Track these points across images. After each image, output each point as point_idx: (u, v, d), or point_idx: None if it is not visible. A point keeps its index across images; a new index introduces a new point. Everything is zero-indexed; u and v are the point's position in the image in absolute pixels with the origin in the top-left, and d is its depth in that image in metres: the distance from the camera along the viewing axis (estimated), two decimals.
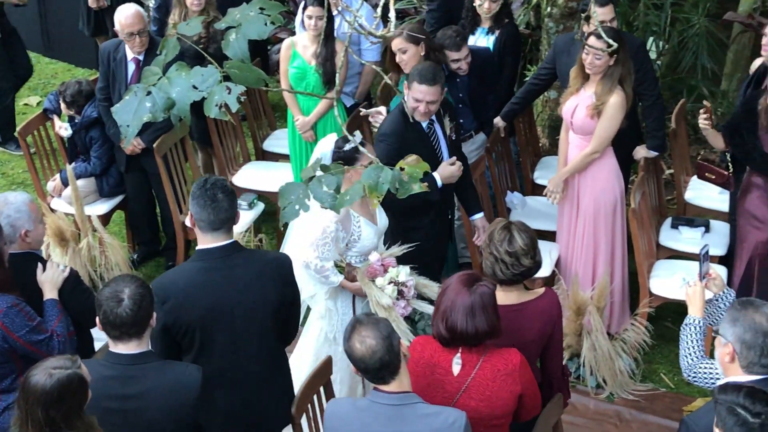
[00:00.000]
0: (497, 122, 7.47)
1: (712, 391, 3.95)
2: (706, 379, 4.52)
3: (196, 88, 3.86)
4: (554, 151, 7.57)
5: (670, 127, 7.55)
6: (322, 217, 5.49)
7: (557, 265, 6.94)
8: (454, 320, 4.45)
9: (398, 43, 6.76)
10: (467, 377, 4.50)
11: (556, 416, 5.04)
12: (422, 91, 6.01)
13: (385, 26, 4.75)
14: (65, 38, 10.58)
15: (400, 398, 4.17)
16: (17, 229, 5.08)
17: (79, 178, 7.52)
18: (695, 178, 7.35)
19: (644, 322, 6.73)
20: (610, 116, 6.50)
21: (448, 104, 6.43)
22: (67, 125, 7.69)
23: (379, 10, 4.65)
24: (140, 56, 7.32)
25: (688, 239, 7.14)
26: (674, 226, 7.26)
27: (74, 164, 7.64)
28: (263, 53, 9.71)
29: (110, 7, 9.07)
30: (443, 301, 4.52)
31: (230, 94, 3.83)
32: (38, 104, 9.93)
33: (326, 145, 5.63)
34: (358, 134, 5.59)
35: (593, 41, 6.37)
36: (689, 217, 7.41)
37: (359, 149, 5.41)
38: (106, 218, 7.76)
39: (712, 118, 6.63)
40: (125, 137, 3.87)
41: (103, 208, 7.74)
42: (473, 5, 7.55)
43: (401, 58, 6.76)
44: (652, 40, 8.85)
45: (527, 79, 8.28)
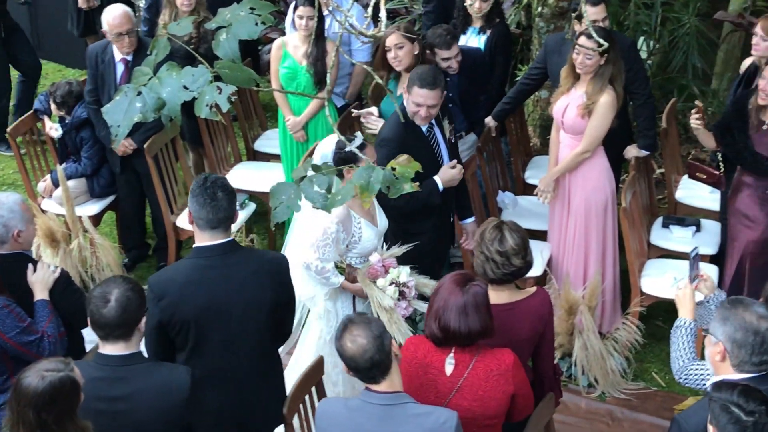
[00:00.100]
0: (488, 122, 7.48)
1: (705, 390, 3.95)
2: (697, 380, 4.52)
3: (186, 88, 3.85)
4: (545, 150, 7.57)
5: (660, 126, 7.56)
6: (322, 218, 5.49)
7: (549, 264, 6.95)
8: (447, 320, 4.45)
9: (395, 38, 6.73)
10: (460, 377, 4.50)
11: (548, 415, 5.04)
12: (423, 95, 5.97)
13: (375, 26, 4.75)
14: (55, 39, 10.55)
15: (391, 398, 4.17)
16: (10, 229, 5.07)
17: (69, 178, 7.50)
18: (686, 177, 7.36)
19: (635, 321, 6.74)
20: (600, 115, 6.50)
21: (446, 107, 6.42)
22: (57, 126, 7.67)
23: (370, 9, 4.65)
24: (129, 57, 7.30)
25: (679, 238, 7.15)
26: (665, 225, 7.27)
27: (65, 165, 7.62)
28: (254, 53, 9.69)
29: (100, 7, 9.04)
30: (436, 300, 4.52)
31: (221, 94, 3.82)
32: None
33: (327, 146, 5.61)
34: (359, 135, 5.61)
35: (584, 41, 6.38)
36: (680, 216, 7.42)
37: (360, 150, 5.41)
38: (97, 219, 7.74)
39: (704, 117, 6.64)
40: (116, 137, 3.86)
41: (94, 208, 7.72)
42: (464, 5, 7.56)
43: (396, 54, 6.73)
44: (642, 39, 8.86)
45: (518, 78, 8.29)
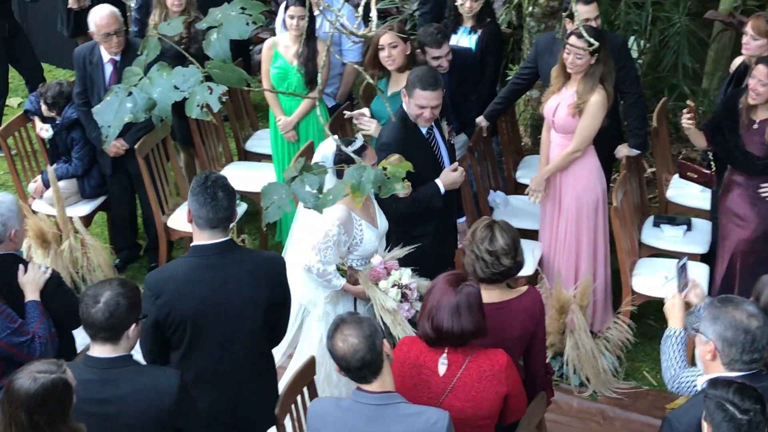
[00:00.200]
0: (480, 122, 7.48)
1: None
2: (689, 388, 4.50)
3: (177, 88, 3.85)
4: (537, 150, 7.57)
5: (651, 125, 7.57)
6: (324, 220, 5.49)
7: (540, 263, 6.95)
8: (440, 320, 4.44)
9: (389, 38, 6.72)
10: (453, 377, 4.50)
11: (539, 415, 5.05)
12: (426, 96, 5.97)
13: (366, 26, 4.74)
14: (45, 39, 10.53)
15: (382, 398, 4.17)
16: (8, 228, 5.08)
17: (60, 179, 7.49)
18: (677, 176, 7.37)
19: (627, 320, 6.74)
20: (591, 115, 6.51)
21: (444, 107, 6.41)
22: (48, 126, 7.65)
23: (360, 9, 4.65)
24: (117, 57, 7.29)
25: (670, 237, 7.16)
26: (656, 224, 7.28)
27: (55, 165, 7.61)
28: (245, 53, 9.69)
29: (90, 7, 9.02)
30: (429, 300, 4.52)
31: (212, 94, 3.82)
32: (19, 105, 9.88)
33: (327, 147, 5.61)
34: (359, 137, 5.61)
35: (574, 40, 6.39)
36: (671, 215, 7.43)
37: (361, 152, 5.41)
38: (87, 219, 7.72)
39: (695, 117, 6.65)
40: (106, 138, 3.86)
41: (84, 209, 7.71)
42: (455, 4, 7.57)
43: (390, 53, 6.72)
44: (633, 39, 8.87)
45: (509, 78, 8.29)
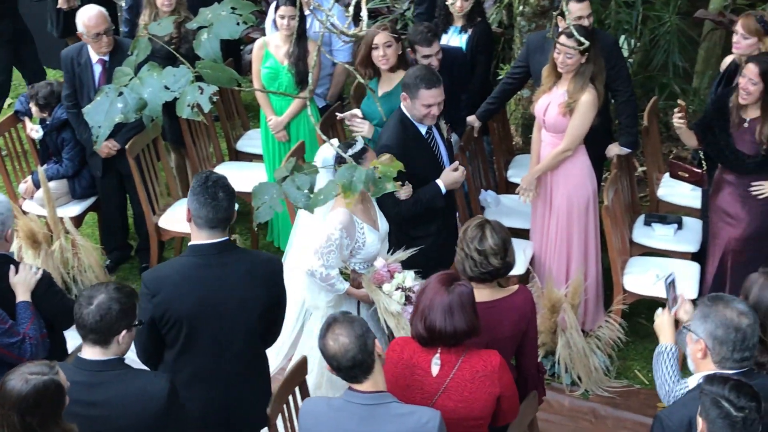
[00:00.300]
0: (472, 121, 7.46)
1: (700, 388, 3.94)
2: None
3: (168, 88, 3.85)
4: (528, 149, 7.57)
5: (642, 124, 7.58)
6: (325, 224, 5.49)
7: (532, 262, 6.95)
8: (432, 319, 4.44)
9: (384, 37, 6.72)
10: (446, 378, 4.50)
11: (531, 414, 5.05)
12: (432, 94, 6.00)
13: (356, 25, 4.75)
14: (35, 40, 10.48)
15: (374, 398, 4.17)
16: (6, 227, 5.08)
17: (51, 179, 7.48)
18: (668, 175, 7.38)
19: (618, 319, 6.75)
20: (581, 114, 6.51)
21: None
22: (38, 127, 7.64)
23: (351, 9, 4.65)
24: (106, 57, 7.27)
25: (661, 236, 7.17)
26: (647, 223, 7.29)
27: (46, 166, 7.59)
28: (236, 53, 9.67)
29: (80, 8, 9.00)
30: (422, 300, 4.52)
31: (202, 94, 3.82)
32: (9, 106, 9.85)
33: (328, 151, 5.60)
34: (360, 140, 5.61)
35: (564, 40, 6.39)
36: (662, 214, 7.44)
37: (362, 154, 5.40)
38: (78, 220, 7.71)
39: (686, 116, 6.65)
40: (97, 138, 3.85)
41: (75, 209, 7.70)
42: (446, 4, 7.57)
43: (385, 52, 6.72)
44: (623, 38, 8.87)
45: (500, 77, 8.29)
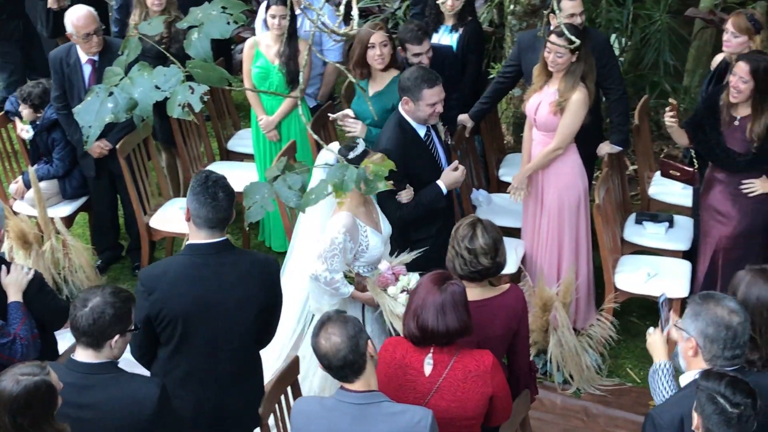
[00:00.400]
0: (464, 120, 7.43)
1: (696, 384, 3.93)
2: None
3: (158, 88, 3.85)
4: (519, 148, 7.58)
5: (633, 123, 7.58)
6: (329, 228, 5.49)
7: (523, 261, 6.96)
8: (425, 319, 4.45)
9: (381, 36, 6.73)
10: (438, 377, 4.49)
11: (523, 412, 5.05)
12: (435, 92, 6.06)
13: (347, 25, 4.75)
14: None
15: (365, 397, 4.17)
16: (1, 227, 5.08)
17: (41, 180, 7.46)
18: (659, 173, 7.39)
19: (610, 317, 6.75)
20: (572, 113, 6.52)
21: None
22: (28, 127, 7.62)
23: (342, 8, 4.65)
24: (95, 57, 7.26)
25: (652, 234, 7.18)
26: (638, 221, 7.30)
27: (36, 166, 7.58)
28: (226, 53, 9.66)
29: (69, 7, 8.97)
30: (414, 300, 4.53)
31: (193, 93, 3.82)
32: None
33: (328, 153, 5.58)
34: (361, 142, 5.61)
35: (555, 39, 6.38)
36: (653, 212, 7.45)
37: (364, 156, 5.39)
38: (69, 220, 7.69)
39: (678, 114, 6.65)
40: (87, 138, 3.84)
41: (66, 210, 7.68)
42: (437, 3, 7.57)
43: (382, 51, 6.73)
44: (614, 36, 8.88)
45: (491, 77, 8.29)
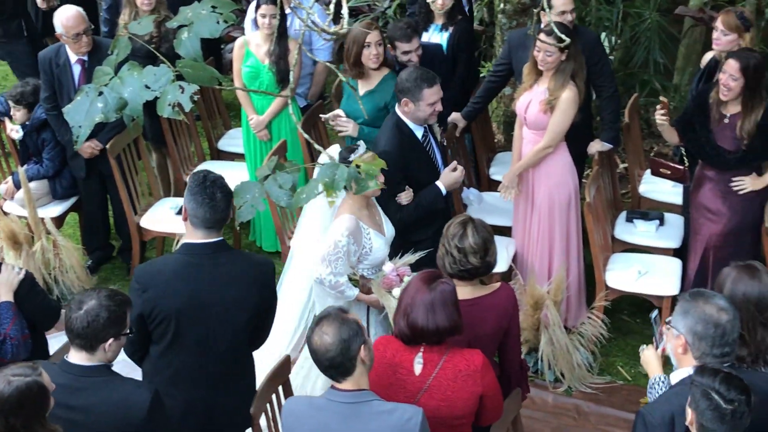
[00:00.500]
0: (456, 119, 7.42)
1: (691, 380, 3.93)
2: None
3: (148, 87, 3.84)
4: (510, 147, 7.58)
5: (623, 121, 7.59)
6: (332, 231, 5.50)
7: (514, 260, 6.96)
8: (415, 317, 4.45)
9: (377, 35, 6.75)
10: (428, 377, 4.50)
11: (515, 411, 5.06)
12: (435, 91, 6.09)
13: (337, 24, 4.74)
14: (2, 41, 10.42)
15: (355, 396, 4.16)
16: None
17: (31, 180, 7.45)
18: (649, 172, 7.40)
19: (601, 315, 6.76)
20: (562, 111, 6.52)
21: None
22: (18, 127, 7.60)
23: (332, 7, 4.64)
24: (85, 57, 7.24)
25: (642, 232, 7.19)
26: (629, 219, 7.31)
27: (26, 166, 7.56)
28: (216, 52, 9.65)
29: (59, 7, 8.95)
30: (404, 298, 4.53)
31: (183, 93, 3.81)
32: None
33: (332, 154, 5.58)
34: (362, 144, 5.61)
35: (544, 37, 6.38)
36: (644, 210, 7.46)
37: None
38: (59, 220, 7.67)
39: (668, 113, 6.66)
40: (77, 138, 3.84)
41: (56, 210, 7.66)
42: (426, 1, 7.56)
43: (378, 50, 6.75)
44: (604, 35, 8.89)
45: (482, 75, 8.29)
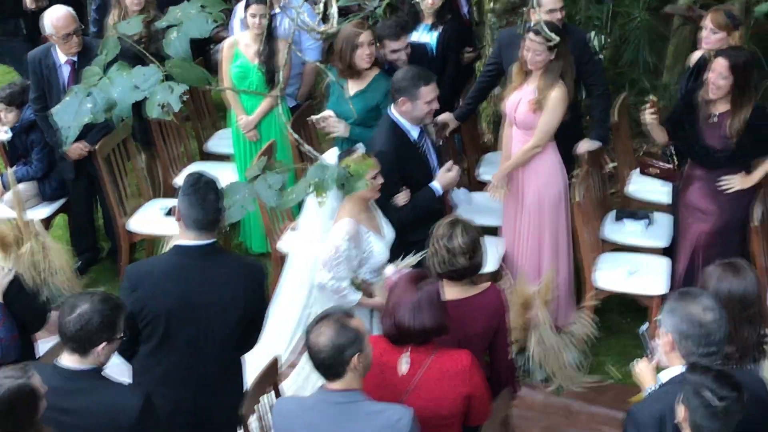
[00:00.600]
0: (446, 119, 7.40)
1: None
2: None
3: (137, 87, 3.84)
4: (499, 146, 7.58)
5: (612, 120, 7.59)
6: (332, 236, 5.50)
7: (503, 259, 6.96)
8: (401, 317, 4.46)
9: (370, 35, 6.76)
10: (414, 376, 4.50)
11: (505, 410, 5.06)
12: (432, 89, 6.12)
13: (326, 23, 4.74)
14: (1, 40, 10.41)
15: (345, 396, 4.16)
16: None
17: (20, 181, 7.43)
18: (638, 171, 7.40)
19: (590, 314, 6.76)
20: (551, 110, 6.52)
21: None
22: (6, 128, 7.58)
23: (321, 6, 4.64)
24: (74, 58, 7.22)
25: (631, 232, 7.19)
26: (618, 219, 7.31)
27: (15, 168, 7.55)
28: (205, 52, 9.63)
29: (47, 7, 8.92)
30: (391, 298, 4.55)
31: (172, 93, 3.80)
32: None
33: (330, 158, 5.57)
34: (361, 146, 5.61)
35: (533, 36, 6.38)
36: (632, 210, 7.46)
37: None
38: (48, 222, 7.66)
39: (658, 112, 6.66)
40: (66, 139, 3.83)
41: (44, 211, 7.65)
42: (414, 1, 7.55)
43: (370, 51, 6.76)
44: (593, 34, 8.90)
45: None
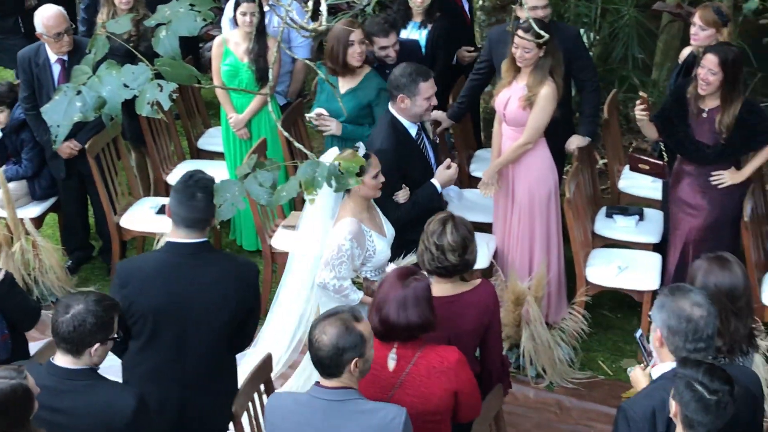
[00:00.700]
0: (440, 117, 7.39)
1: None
2: None
3: (127, 86, 3.83)
4: (490, 143, 7.58)
5: (602, 117, 7.61)
6: (334, 235, 5.50)
7: (495, 256, 6.97)
8: (387, 313, 4.46)
9: (359, 34, 6.78)
10: (401, 372, 4.50)
11: (496, 406, 5.06)
12: (430, 85, 6.13)
13: (315, 21, 4.74)
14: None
15: (338, 394, 4.16)
16: None
17: (10, 180, 7.41)
18: (629, 167, 7.42)
19: (582, 310, 6.78)
20: (541, 107, 6.53)
21: None
22: None
23: (310, 4, 4.64)
24: (65, 57, 7.21)
25: (622, 228, 7.21)
26: (609, 215, 7.33)
27: (5, 167, 7.52)
28: (194, 50, 9.62)
29: (36, 7, 8.91)
30: (378, 294, 4.55)
31: (162, 91, 3.80)
32: None
33: (330, 158, 5.56)
34: (361, 145, 5.61)
35: (522, 34, 6.39)
36: (623, 205, 7.49)
37: (365, 159, 5.38)
38: (38, 221, 7.64)
39: (648, 108, 6.67)
40: (56, 137, 3.82)
41: (35, 210, 7.63)
42: None
43: (362, 49, 6.77)
44: (583, 31, 8.90)
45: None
